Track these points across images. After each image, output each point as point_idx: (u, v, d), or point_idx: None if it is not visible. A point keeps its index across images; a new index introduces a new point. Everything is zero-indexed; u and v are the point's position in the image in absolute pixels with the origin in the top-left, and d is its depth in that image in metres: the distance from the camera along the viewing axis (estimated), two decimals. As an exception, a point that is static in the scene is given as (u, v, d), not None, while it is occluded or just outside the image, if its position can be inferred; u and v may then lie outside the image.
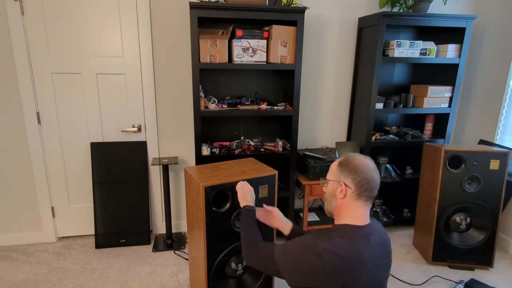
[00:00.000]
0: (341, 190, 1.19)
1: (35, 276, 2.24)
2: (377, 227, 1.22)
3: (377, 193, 1.19)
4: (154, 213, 2.80)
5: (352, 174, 1.17)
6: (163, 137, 2.67)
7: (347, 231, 1.15)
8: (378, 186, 1.19)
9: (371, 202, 1.20)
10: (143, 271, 2.32)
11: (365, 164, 1.17)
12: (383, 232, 1.24)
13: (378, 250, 1.15)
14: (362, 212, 1.18)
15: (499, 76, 2.71)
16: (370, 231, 1.17)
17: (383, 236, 1.21)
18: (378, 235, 1.18)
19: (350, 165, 1.18)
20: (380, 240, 1.18)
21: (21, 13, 2.25)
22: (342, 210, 1.21)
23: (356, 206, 1.18)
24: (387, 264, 1.21)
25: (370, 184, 1.15)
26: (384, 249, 1.19)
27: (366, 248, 1.12)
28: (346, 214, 1.19)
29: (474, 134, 2.97)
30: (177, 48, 2.51)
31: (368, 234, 1.16)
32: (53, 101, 2.44)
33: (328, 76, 2.83)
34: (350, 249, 1.09)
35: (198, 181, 1.60)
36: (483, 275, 2.32)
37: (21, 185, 2.54)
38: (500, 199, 2.25)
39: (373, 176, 1.16)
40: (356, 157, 1.20)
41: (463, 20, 2.52)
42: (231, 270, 1.75)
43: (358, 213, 1.18)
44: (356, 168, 1.17)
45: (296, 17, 2.27)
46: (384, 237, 1.22)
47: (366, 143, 2.66)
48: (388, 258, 1.22)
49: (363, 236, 1.14)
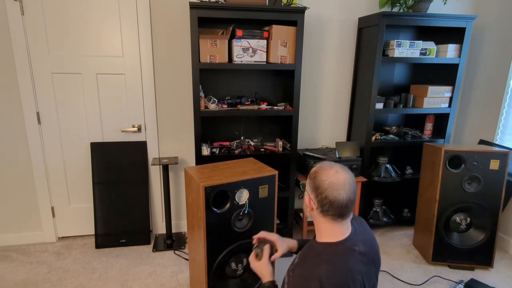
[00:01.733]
0: (308, 205, 1.14)
1: (35, 276, 2.24)
2: (361, 233, 1.17)
3: (350, 212, 1.10)
4: (154, 213, 2.80)
5: (315, 191, 1.09)
6: (163, 137, 2.67)
7: (330, 251, 1.09)
8: (349, 204, 1.08)
9: (344, 219, 1.10)
10: (143, 271, 2.32)
11: (331, 181, 1.06)
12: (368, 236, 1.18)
13: (364, 259, 1.10)
14: (335, 229, 1.11)
15: (499, 76, 2.71)
16: (352, 243, 1.11)
17: (367, 239, 1.16)
18: (362, 243, 1.12)
19: (316, 180, 1.10)
20: (365, 247, 1.12)
21: (21, 13, 2.25)
22: (317, 223, 1.15)
23: (326, 223, 1.11)
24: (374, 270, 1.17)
25: (332, 205, 1.06)
26: (370, 255, 1.14)
27: (353, 262, 1.07)
28: (321, 230, 1.14)
29: (474, 134, 2.97)
30: (177, 48, 2.51)
31: (350, 247, 1.10)
32: (53, 101, 2.44)
33: (328, 76, 2.83)
34: (342, 266, 1.05)
35: (198, 181, 1.60)
36: (483, 275, 2.32)
37: (21, 185, 2.54)
38: (500, 199, 2.25)
39: (337, 196, 1.05)
40: (326, 171, 1.10)
41: (463, 20, 2.52)
42: (231, 270, 1.75)
43: (332, 230, 1.11)
44: (320, 185, 1.08)
45: (296, 17, 2.27)
46: (369, 239, 1.16)
47: (366, 143, 2.67)
48: (376, 259, 1.17)
49: (347, 251, 1.09)
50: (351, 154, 2.59)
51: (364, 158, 2.68)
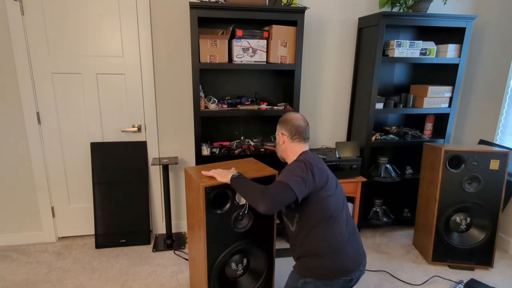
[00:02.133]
0: (280, 138, 1.65)
1: (35, 276, 2.24)
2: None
3: (307, 136, 1.63)
4: (154, 213, 2.80)
5: (285, 125, 1.63)
6: (163, 137, 2.67)
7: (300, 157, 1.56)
8: (307, 129, 1.63)
9: (305, 142, 1.63)
10: (143, 271, 2.32)
11: (293, 117, 1.63)
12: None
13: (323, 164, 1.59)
14: (301, 147, 1.61)
15: (499, 76, 2.71)
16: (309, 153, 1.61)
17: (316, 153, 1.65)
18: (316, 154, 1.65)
19: (283, 119, 1.65)
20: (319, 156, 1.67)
21: (21, 13, 2.25)
22: (287, 152, 1.64)
23: (294, 146, 1.61)
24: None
25: (298, 130, 1.60)
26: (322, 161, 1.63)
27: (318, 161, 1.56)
28: (290, 153, 1.63)
29: (474, 134, 2.97)
30: (177, 48, 2.51)
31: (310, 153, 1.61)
32: (53, 101, 2.44)
33: (328, 76, 2.83)
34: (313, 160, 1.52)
35: (198, 181, 1.60)
36: (483, 275, 2.32)
37: (21, 185, 2.54)
38: (500, 199, 2.25)
39: (299, 124, 1.61)
40: (288, 114, 1.66)
41: (463, 20, 2.52)
42: (231, 270, 1.75)
43: (298, 148, 1.61)
44: (287, 121, 1.63)
45: (296, 17, 2.27)
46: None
47: (366, 143, 2.67)
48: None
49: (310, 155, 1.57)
50: (351, 154, 2.59)
51: (364, 158, 2.68)
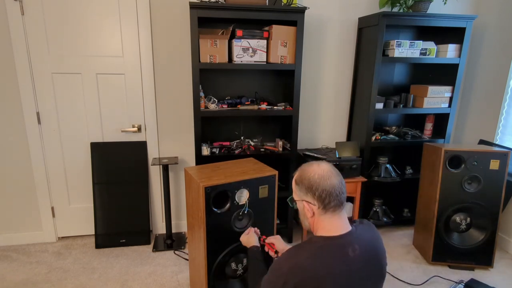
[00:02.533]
0: (308, 210, 1.12)
1: (35, 276, 2.24)
2: (362, 236, 1.11)
3: (345, 197, 1.11)
4: (154, 213, 2.80)
5: (309, 190, 1.10)
6: (163, 137, 2.67)
7: (319, 244, 1.07)
8: (343, 189, 1.10)
9: (342, 208, 1.11)
10: (143, 271, 2.32)
11: (319, 175, 1.09)
12: (371, 240, 1.12)
13: (357, 263, 1.04)
14: (335, 222, 1.09)
15: (499, 76, 2.71)
16: (348, 241, 1.07)
17: (369, 245, 1.10)
18: (359, 246, 1.07)
19: (305, 181, 1.11)
20: (362, 251, 1.07)
21: (21, 13, 2.25)
22: (315, 226, 1.13)
23: (326, 219, 1.09)
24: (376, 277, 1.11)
25: (331, 194, 1.07)
26: (368, 261, 1.08)
27: (338, 261, 1.03)
28: (320, 228, 1.11)
29: (474, 134, 2.97)
30: (177, 48, 2.51)
31: (344, 245, 1.06)
32: (53, 101, 2.44)
33: (328, 76, 2.83)
34: (317, 262, 1.01)
35: (198, 181, 1.60)
36: (483, 275, 2.32)
37: (21, 185, 2.54)
38: (500, 199, 2.25)
39: (331, 183, 1.08)
40: (308, 169, 1.12)
41: (463, 20, 2.52)
42: (231, 270, 1.75)
43: (331, 224, 1.09)
44: (311, 182, 1.09)
45: (296, 17, 2.27)
46: (371, 246, 1.10)
47: (366, 143, 2.67)
48: (375, 269, 1.10)
49: (337, 247, 1.05)
50: (351, 154, 2.59)
51: (364, 158, 2.68)
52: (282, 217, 2.77)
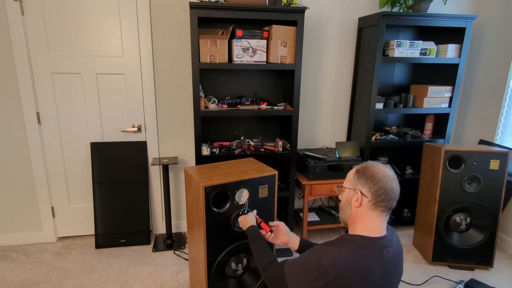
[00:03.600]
0: (357, 199, 1.13)
1: (35, 276, 2.24)
2: (392, 238, 1.16)
3: (394, 205, 1.13)
4: (154, 213, 2.80)
5: (369, 182, 1.11)
6: (163, 137, 2.67)
7: (358, 243, 1.09)
8: (397, 197, 1.13)
9: (389, 213, 1.14)
10: (143, 271, 2.32)
11: (384, 173, 1.11)
12: (398, 244, 1.18)
13: (390, 265, 1.10)
14: (377, 223, 1.12)
15: (499, 76, 2.71)
16: (385, 244, 1.11)
17: (397, 249, 1.15)
18: (392, 249, 1.12)
19: (368, 173, 1.13)
20: (393, 254, 1.12)
21: (21, 13, 2.25)
22: (356, 219, 1.15)
23: (371, 216, 1.12)
24: (398, 277, 1.17)
25: (388, 194, 1.10)
26: (397, 263, 1.14)
27: (376, 261, 1.06)
28: (360, 224, 1.13)
29: (474, 134, 2.97)
30: (177, 48, 2.51)
31: (381, 247, 1.10)
32: (53, 101, 2.44)
33: (328, 76, 2.83)
34: (358, 261, 1.05)
35: (198, 181, 1.60)
36: (483, 275, 2.32)
37: (21, 185, 2.54)
38: (500, 199, 2.25)
39: (392, 186, 1.11)
40: (375, 165, 1.15)
41: (463, 20, 2.52)
42: (231, 270, 1.75)
43: (373, 224, 1.12)
44: (374, 176, 1.11)
45: (296, 17, 2.27)
46: (398, 250, 1.16)
47: (366, 143, 2.67)
48: (399, 271, 1.17)
49: (376, 248, 1.09)
50: (351, 154, 2.59)
51: (364, 158, 2.68)
52: (282, 217, 2.77)
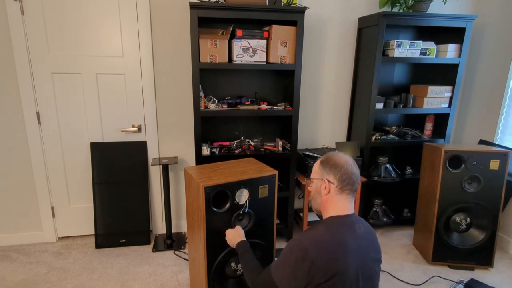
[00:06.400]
0: (325, 187, 1.26)
1: (35, 276, 2.24)
2: (361, 219, 1.28)
3: (358, 187, 1.27)
4: (154, 213, 2.80)
5: (333, 170, 1.25)
6: (163, 137, 2.67)
7: (332, 221, 1.22)
8: (359, 180, 1.27)
9: (354, 195, 1.27)
10: (143, 271, 2.32)
11: (345, 160, 1.25)
12: (366, 223, 1.30)
13: (363, 239, 1.20)
14: (346, 204, 1.25)
15: (499, 76, 2.71)
16: (355, 220, 1.24)
17: (367, 226, 1.27)
18: (362, 225, 1.24)
19: (331, 162, 1.26)
20: (364, 229, 1.23)
21: (21, 13, 2.25)
22: (327, 205, 1.27)
23: (339, 200, 1.25)
24: (375, 254, 1.25)
25: (351, 178, 1.23)
26: (369, 238, 1.24)
27: (350, 237, 1.17)
28: (331, 208, 1.26)
29: (474, 134, 2.97)
30: (177, 48, 2.51)
31: (352, 222, 1.22)
32: (53, 101, 2.44)
33: (328, 76, 2.83)
34: (335, 237, 1.15)
35: (198, 181, 1.60)
36: (483, 275, 2.32)
37: (21, 185, 2.54)
38: (500, 199, 2.25)
39: (353, 170, 1.24)
40: (336, 155, 1.28)
41: (463, 20, 2.52)
42: (231, 270, 1.75)
43: (342, 205, 1.24)
44: (337, 164, 1.25)
45: (296, 17, 2.27)
46: (368, 227, 1.28)
47: (366, 143, 2.66)
48: (375, 247, 1.26)
49: (348, 224, 1.21)
50: (351, 154, 2.59)
51: (364, 158, 2.68)
52: (282, 217, 2.77)
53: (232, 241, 1.60)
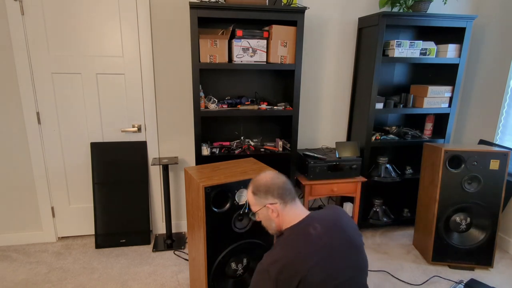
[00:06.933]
0: (272, 210, 1.28)
1: (35, 276, 2.24)
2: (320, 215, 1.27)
3: (294, 191, 1.31)
4: (154, 213, 2.80)
5: (268, 192, 1.28)
6: (163, 137, 2.67)
7: (285, 236, 1.23)
8: (289, 185, 1.31)
9: (296, 200, 1.30)
10: (143, 271, 2.32)
11: (270, 177, 1.30)
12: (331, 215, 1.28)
13: (322, 238, 1.19)
14: (295, 212, 1.27)
15: (499, 76, 2.71)
16: (307, 222, 1.23)
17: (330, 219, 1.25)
18: (319, 223, 1.23)
19: (261, 187, 1.29)
20: (324, 226, 1.22)
21: (21, 13, 2.25)
22: (281, 223, 1.29)
23: (288, 212, 1.27)
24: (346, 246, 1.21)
25: (285, 189, 1.28)
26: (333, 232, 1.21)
27: (304, 242, 1.17)
28: (285, 223, 1.28)
29: (474, 134, 2.97)
30: (177, 48, 2.51)
31: (305, 226, 1.22)
32: (53, 101, 2.44)
33: (328, 76, 2.83)
34: (289, 250, 1.15)
35: (198, 181, 1.60)
36: (483, 275, 2.32)
37: (21, 185, 2.54)
38: (500, 199, 2.25)
39: (281, 181, 1.29)
40: (259, 179, 1.32)
41: (463, 20, 2.52)
42: (231, 270, 1.75)
43: (293, 214, 1.27)
44: (267, 185, 1.28)
45: (296, 17, 2.27)
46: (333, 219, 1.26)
47: (366, 143, 2.67)
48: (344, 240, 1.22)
49: (300, 231, 1.21)
50: (351, 154, 2.59)
51: (364, 158, 2.68)
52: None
53: None
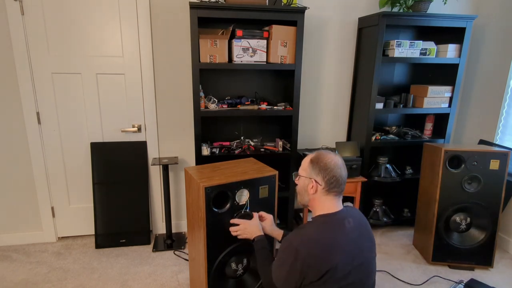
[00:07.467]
0: (312, 186, 1.28)
1: (35, 276, 2.24)
2: (351, 211, 1.31)
3: (344, 187, 1.29)
4: (154, 213, 2.80)
5: (322, 172, 1.25)
6: (163, 137, 2.67)
7: (320, 220, 1.25)
8: (346, 181, 1.29)
9: (341, 195, 1.30)
10: (143, 271, 2.32)
11: (334, 163, 1.26)
12: (358, 215, 1.32)
13: (354, 233, 1.22)
14: (333, 204, 1.27)
15: (499, 76, 2.71)
16: (343, 215, 1.26)
17: (358, 219, 1.29)
18: (352, 219, 1.26)
19: (321, 163, 1.26)
20: (355, 223, 1.26)
21: (21, 13, 2.25)
22: (315, 204, 1.30)
23: (326, 200, 1.27)
24: (369, 244, 1.28)
25: (338, 181, 1.25)
26: (361, 231, 1.26)
27: (339, 233, 1.20)
28: (318, 208, 1.29)
29: (474, 134, 2.97)
30: (177, 48, 2.51)
31: (341, 218, 1.24)
32: (53, 101, 2.44)
33: (328, 76, 2.83)
34: (324, 236, 1.17)
35: (198, 181, 1.60)
36: (483, 275, 2.32)
37: (21, 185, 2.54)
38: (500, 199, 2.25)
39: (341, 173, 1.26)
40: (327, 155, 1.28)
41: (463, 20, 2.52)
42: (231, 270, 1.75)
43: (330, 204, 1.27)
44: (327, 166, 1.25)
45: (296, 17, 2.27)
46: (360, 220, 1.30)
47: (366, 143, 2.67)
48: (369, 238, 1.29)
49: (336, 221, 1.23)
50: (351, 154, 2.59)
51: (364, 158, 2.68)
52: (282, 217, 2.77)
53: (251, 233, 1.59)
